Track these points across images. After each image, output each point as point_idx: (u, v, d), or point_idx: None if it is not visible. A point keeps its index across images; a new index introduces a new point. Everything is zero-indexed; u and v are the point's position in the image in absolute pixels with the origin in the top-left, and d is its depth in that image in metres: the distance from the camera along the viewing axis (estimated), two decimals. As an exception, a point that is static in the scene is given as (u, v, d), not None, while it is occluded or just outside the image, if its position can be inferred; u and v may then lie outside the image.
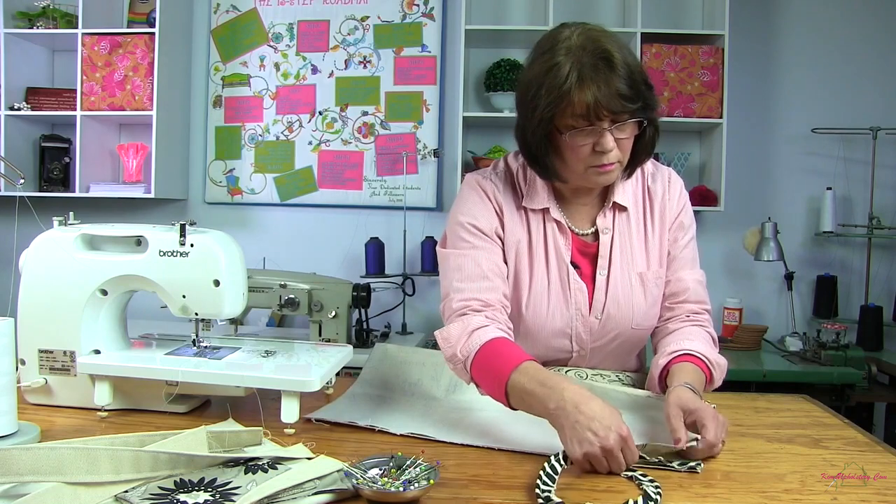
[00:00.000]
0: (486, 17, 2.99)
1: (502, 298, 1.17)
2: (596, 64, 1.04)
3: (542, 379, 0.98)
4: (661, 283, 1.27)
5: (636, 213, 1.26)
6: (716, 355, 1.17)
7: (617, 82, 1.04)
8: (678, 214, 1.28)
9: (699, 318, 1.25)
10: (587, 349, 1.27)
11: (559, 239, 1.24)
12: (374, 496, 0.79)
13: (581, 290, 1.23)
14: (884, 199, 2.93)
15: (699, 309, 1.27)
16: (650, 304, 1.26)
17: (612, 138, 1.08)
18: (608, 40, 1.08)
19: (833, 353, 2.48)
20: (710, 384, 1.16)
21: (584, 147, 1.09)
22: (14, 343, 0.97)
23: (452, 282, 1.17)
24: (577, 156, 1.11)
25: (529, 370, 1.00)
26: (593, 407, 0.91)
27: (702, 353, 1.15)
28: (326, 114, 3.08)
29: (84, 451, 0.78)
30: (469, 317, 1.12)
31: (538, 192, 1.24)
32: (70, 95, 2.91)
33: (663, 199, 1.27)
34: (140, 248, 1.13)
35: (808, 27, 3.00)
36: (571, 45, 1.07)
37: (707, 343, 1.20)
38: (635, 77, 1.06)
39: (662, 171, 1.30)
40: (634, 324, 1.25)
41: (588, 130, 1.08)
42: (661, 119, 2.78)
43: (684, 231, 1.28)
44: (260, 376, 1.05)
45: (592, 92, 1.04)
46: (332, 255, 3.08)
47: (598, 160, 1.10)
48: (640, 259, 1.25)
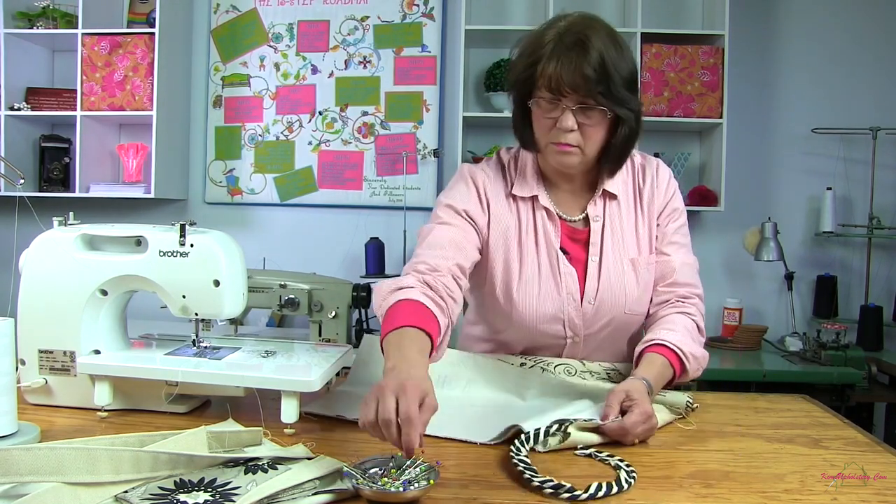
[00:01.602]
0: (486, 17, 2.99)
1: (452, 267, 1.18)
2: (572, 44, 1.11)
3: (403, 344, 0.98)
4: (652, 268, 1.29)
5: (626, 201, 1.29)
6: (692, 346, 1.18)
7: (583, 64, 1.09)
8: (667, 201, 1.31)
9: (686, 305, 1.26)
10: (581, 336, 1.28)
11: (548, 225, 1.27)
12: (374, 496, 0.79)
13: (571, 275, 1.25)
14: (884, 199, 2.93)
15: (688, 293, 1.27)
16: (642, 290, 1.28)
17: (572, 119, 1.13)
18: (598, 31, 1.13)
19: (833, 353, 2.48)
20: (682, 375, 1.18)
21: (547, 121, 1.16)
22: (14, 343, 0.97)
23: (416, 249, 1.23)
24: (540, 128, 1.18)
25: (407, 334, 1.00)
26: (401, 379, 0.86)
27: (674, 344, 1.16)
28: (326, 114, 3.08)
29: (84, 452, 0.78)
30: (406, 277, 1.14)
31: (527, 180, 1.28)
32: (70, 95, 2.91)
33: (651, 187, 1.30)
34: (140, 249, 1.13)
35: (808, 27, 3.00)
36: (563, 25, 1.15)
37: (686, 333, 1.20)
38: (607, 66, 1.10)
39: (651, 161, 1.34)
40: (627, 308, 1.27)
41: (551, 104, 1.14)
42: (662, 119, 2.83)
43: (674, 217, 1.31)
44: (260, 376, 1.05)
45: (556, 65, 1.10)
46: (332, 255, 3.08)
47: (557, 137, 1.16)
48: (631, 245, 1.28)
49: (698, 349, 1.20)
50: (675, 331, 1.19)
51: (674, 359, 1.16)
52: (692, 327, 1.23)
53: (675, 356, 1.16)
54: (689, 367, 1.18)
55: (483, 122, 2.91)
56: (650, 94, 2.77)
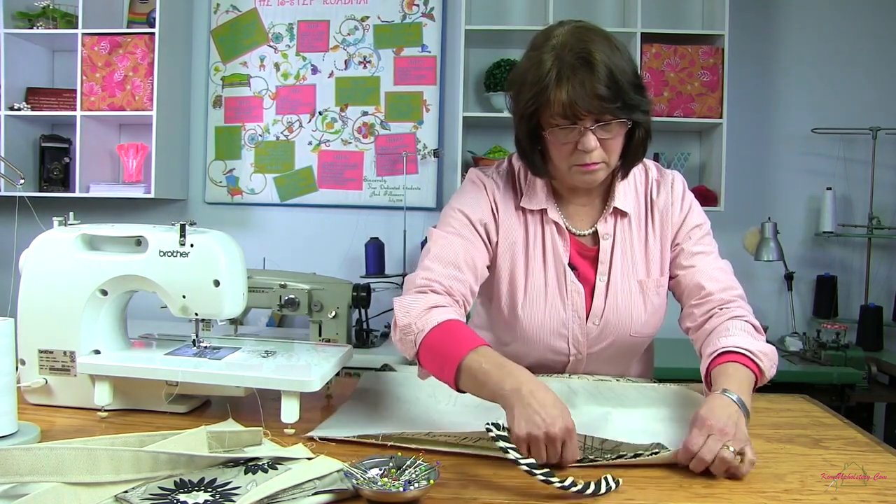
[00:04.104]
0: (486, 18, 2.99)
1: (465, 292, 1.16)
2: (575, 64, 1.05)
3: (501, 362, 0.98)
4: (661, 291, 1.25)
5: (638, 219, 1.25)
6: (759, 345, 1.09)
7: (594, 83, 1.04)
8: (683, 220, 1.25)
9: (730, 309, 1.17)
10: (584, 353, 1.26)
11: (557, 240, 1.24)
12: (374, 496, 0.79)
13: (578, 292, 1.23)
14: (884, 199, 2.93)
15: (729, 297, 1.19)
16: (650, 313, 1.25)
17: (594, 138, 1.09)
18: (595, 40, 1.08)
19: (833, 353, 2.48)
20: (760, 376, 1.07)
21: (566, 146, 1.11)
22: (14, 343, 0.97)
23: (426, 259, 1.18)
24: (559, 154, 1.13)
25: (487, 353, 0.99)
26: (547, 396, 0.91)
27: (741, 347, 1.07)
28: (326, 114, 3.08)
29: (84, 451, 0.78)
30: (430, 295, 1.11)
31: (537, 192, 1.24)
32: (70, 95, 2.91)
33: (666, 205, 1.25)
34: (140, 249, 1.13)
35: (808, 27, 3.00)
36: (557, 42, 1.09)
37: (746, 334, 1.11)
38: (617, 78, 1.06)
39: (666, 177, 1.28)
40: (633, 331, 1.24)
41: (568, 129, 1.09)
42: (661, 119, 2.83)
43: (693, 234, 1.25)
44: (260, 376, 1.05)
45: (568, 91, 1.05)
46: (332, 255, 3.08)
47: (580, 159, 1.11)
48: (640, 266, 1.24)
49: (764, 346, 1.10)
50: (733, 335, 1.10)
51: (747, 362, 1.06)
52: (747, 327, 1.13)
53: (746, 359, 1.06)
54: (764, 366, 1.07)
55: (483, 122, 2.91)
56: (650, 94, 2.76)
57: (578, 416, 1.09)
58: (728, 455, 0.88)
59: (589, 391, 1.19)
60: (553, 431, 0.87)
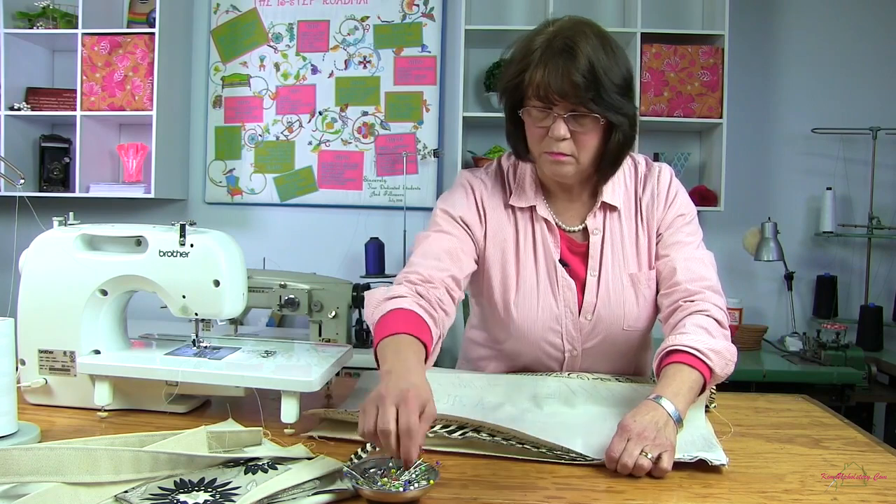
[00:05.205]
0: (486, 17, 2.99)
1: (446, 278, 1.16)
2: (560, 50, 1.08)
3: (400, 349, 0.97)
4: (653, 284, 1.25)
5: (627, 213, 1.26)
6: (712, 342, 1.06)
7: (571, 70, 1.06)
8: (668, 210, 1.25)
9: (695, 303, 1.15)
10: (579, 350, 1.26)
11: (547, 237, 1.24)
12: (374, 496, 0.79)
13: (570, 288, 1.23)
14: (884, 199, 2.93)
15: (696, 288, 1.17)
16: (642, 306, 1.25)
17: (564, 127, 1.10)
18: (587, 34, 1.09)
19: (833, 353, 2.48)
20: (710, 375, 1.05)
21: (539, 130, 1.13)
22: (14, 343, 0.97)
23: (411, 257, 1.21)
24: (533, 137, 1.16)
25: (403, 340, 0.99)
26: (402, 387, 0.84)
27: (690, 347, 1.05)
28: (326, 114, 3.08)
29: (84, 452, 0.78)
30: (398, 286, 1.12)
31: (526, 190, 1.26)
32: (70, 95, 2.91)
33: (651, 197, 1.26)
34: (140, 249, 1.13)
35: (808, 27, 3.00)
36: (553, 30, 1.12)
37: (702, 331, 1.09)
38: (596, 72, 1.07)
39: (653, 170, 1.28)
40: (626, 325, 1.25)
41: (542, 112, 1.11)
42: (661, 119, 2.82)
43: (677, 224, 1.25)
44: (260, 376, 1.05)
45: (544, 73, 1.08)
46: (332, 255, 3.08)
47: (549, 146, 1.13)
48: (631, 260, 1.24)
49: (718, 343, 1.07)
50: (687, 332, 1.08)
51: (692, 362, 1.04)
52: (706, 322, 1.11)
53: (694, 358, 1.04)
54: (714, 365, 1.04)
55: (483, 122, 2.91)
56: (650, 94, 2.77)
57: (578, 416, 1.10)
58: (644, 461, 0.87)
59: (588, 391, 1.19)
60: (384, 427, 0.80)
